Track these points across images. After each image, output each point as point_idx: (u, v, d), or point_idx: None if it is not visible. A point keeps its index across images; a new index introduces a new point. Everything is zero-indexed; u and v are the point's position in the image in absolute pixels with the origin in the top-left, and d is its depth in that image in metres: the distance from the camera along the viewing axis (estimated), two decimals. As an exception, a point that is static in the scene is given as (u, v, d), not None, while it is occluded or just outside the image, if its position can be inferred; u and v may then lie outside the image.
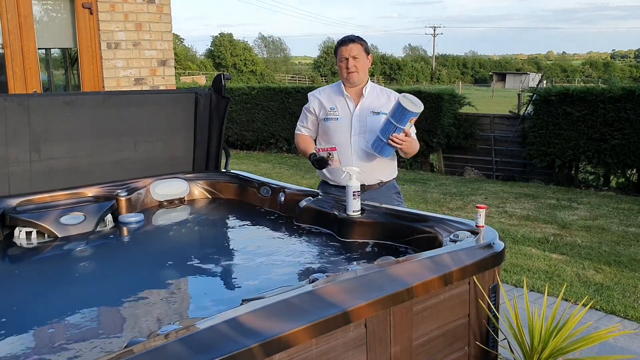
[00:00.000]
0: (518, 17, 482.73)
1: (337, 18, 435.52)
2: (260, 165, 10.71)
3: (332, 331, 1.64)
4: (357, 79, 3.01)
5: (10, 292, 2.28)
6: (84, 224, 2.91)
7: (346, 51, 2.97)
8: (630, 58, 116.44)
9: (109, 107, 3.38)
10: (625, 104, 8.12)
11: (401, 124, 2.77)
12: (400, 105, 2.74)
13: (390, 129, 2.80)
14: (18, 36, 5.07)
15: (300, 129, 3.19)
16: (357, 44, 2.98)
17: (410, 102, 2.76)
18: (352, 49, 2.96)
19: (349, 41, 2.98)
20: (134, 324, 1.93)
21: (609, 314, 3.69)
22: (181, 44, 53.73)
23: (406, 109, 2.73)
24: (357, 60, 2.97)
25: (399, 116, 2.76)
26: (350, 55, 2.96)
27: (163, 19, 5.89)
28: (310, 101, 3.15)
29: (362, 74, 3.02)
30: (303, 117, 3.19)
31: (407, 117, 2.76)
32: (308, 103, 3.16)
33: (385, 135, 2.82)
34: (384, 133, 2.83)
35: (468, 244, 2.15)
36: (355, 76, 2.99)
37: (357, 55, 2.97)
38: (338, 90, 3.09)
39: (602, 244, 5.24)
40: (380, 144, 2.86)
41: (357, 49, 2.97)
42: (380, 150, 2.88)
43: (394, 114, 2.78)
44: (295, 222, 2.96)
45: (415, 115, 2.76)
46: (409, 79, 61.33)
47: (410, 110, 2.73)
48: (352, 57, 2.96)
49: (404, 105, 2.73)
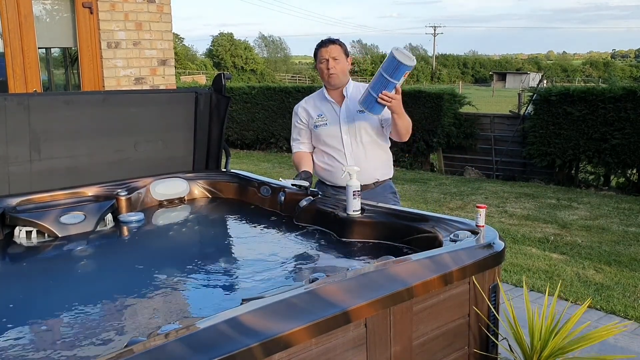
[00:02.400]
0: (518, 16, 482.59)
1: (337, 18, 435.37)
2: (260, 164, 10.71)
3: (332, 331, 1.64)
4: (338, 80, 3.00)
5: (10, 292, 2.28)
6: (84, 223, 2.90)
7: (326, 52, 2.95)
8: (630, 58, 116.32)
9: (109, 107, 3.37)
10: (626, 104, 8.11)
11: (394, 78, 2.63)
12: (395, 59, 2.59)
13: (382, 83, 2.66)
14: (18, 35, 5.07)
15: (297, 146, 3.18)
16: (336, 45, 2.96)
17: (404, 55, 2.62)
18: (331, 50, 2.95)
19: (329, 42, 2.96)
20: (134, 324, 1.92)
21: (608, 314, 3.69)
22: (181, 44, 53.72)
23: (400, 62, 2.58)
24: (337, 62, 2.95)
25: (393, 70, 2.62)
26: (330, 57, 2.94)
27: (163, 18, 5.89)
28: (297, 114, 3.15)
29: (342, 76, 3.00)
30: (295, 132, 3.19)
31: (401, 71, 2.62)
32: (295, 117, 3.16)
33: (376, 90, 2.68)
34: (375, 88, 2.68)
35: (468, 244, 2.15)
36: (335, 78, 2.98)
37: (336, 56, 2.95)
38: (322, 96, 3.10)
39: (602, 244, 5.24)
40: (370, 100, 2.72)
41: (337, 50, 2.95)
42: (370, 106, 2.74)
43: (387, 67, 2.64)
44: (295, 221, 2.96)
45: (409, 68, 2.62)
46: (409, 79, 61.18)
47: (405, 63, 2.59)
48: (332, 58, 2.94)
49: (398, 59, 2.58)
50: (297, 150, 3.18)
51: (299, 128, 3.17)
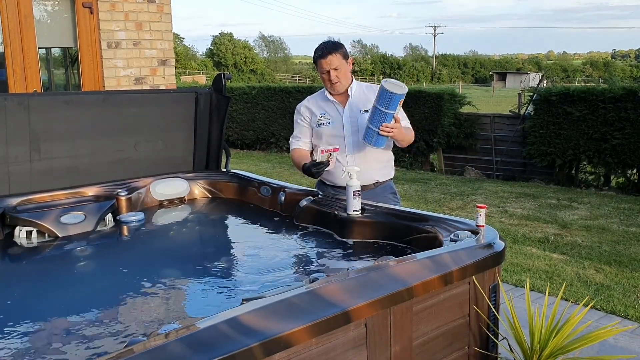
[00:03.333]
0: (518, 16, 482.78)
1: (337, 18, 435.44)
2: (260, 164, 10.71)
3: (332, 331, 1.64)
4: (341, 87, 3.00)
5: (10, 292, 2.28)
6: (84, 223, 2.91)
7: (326, 64, 2.94)
8: (630, 58, 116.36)
9: (109, 107, 3.37)
10: (626, 104, 8.11)
11: (390, 109, 2.70)
12: (387, 91, 2.67)
13: (379, 116, 2.73)
14: (18, 35, 5.07)
15: (297, 143, 3.14)
16: (334, 55, 2.92)
17: (394, 85, 2.69)
18: (331, 61, 2.92)
19: (327, 53, 2.93)
20: (134, 324, 1.92)
21: (609, 314, 3.69)
22: (181, 44, 53.74)
23: (392, 93, 2.66)
24: (338, 71, 2.94)
25: (387, 102, 2.69)
26: (331, 68, 2.93)
27: (163, 18, 5.89)
28: (300, 112, 3.13)
29: (345, 81, 2.99)
30: (296, 130, 3.16)
31: (395, 101, 2.69)
32: (298, 115, 3.14)
33: (374, 124, 2.75)
34: (374, 122, 2.76)
35: (468, 244, 2.15)
36: (339, 86, 2.98)
37: (337, 66, 2.93)
38: (324, 96, 3.09)
39: (602, 244, 5.24)
40: (371, 134, 2.79)
41: (336, 60, 2.93)
42: (372, 140, 2.81)
43: (381, 101, 2.71)
44: (296, 221, 2.96)
45: (402, 97, 2.70)
46: (409, 79, 61.28)
47: (397, 92, 2.66)
48: (333, 69, 2.94)
49: (390, 90, 2.66)
50: (296, 147, 3.15)
51: (301, 126, 3.13)
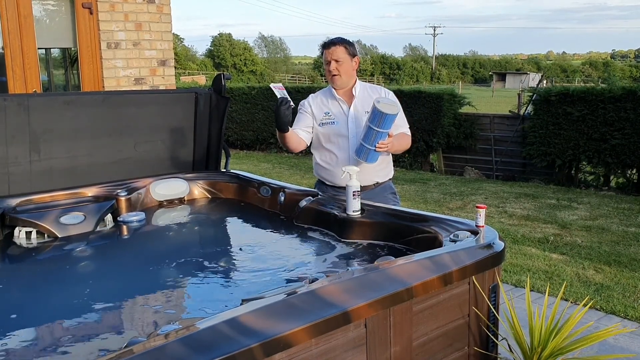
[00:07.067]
0: (518, 17, 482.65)
1: (337, 18, 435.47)
2: (260, 165, 10.71)
3: (332, 331, 1.64)
4: (340, 82, 2.99)
5: (10, 292, 2.28)
6: (83, 223, 2.90)
7: (329, 54, 2.95)
8: (630, 58, 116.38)
9: (109, 107, 3.37)
10: (625, 104, 8.12)
11: (384, 127, 2.74)
12: (380, 112, 2.70)
13: (372, 135, 2.77)
14: (18, 36, 5.07)
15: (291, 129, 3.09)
16: (339, 47, 2.94)
17: (386, 106, 2.73)
18: (334, 51, 2.94)
19: (331, 44, 2.95)
20: (134, 324, 1.93)
21: (609, 314, 3.69)
22: (181, 44, 53.79)
23: (385, 114, 2.70)
24: (340, 64, 2.95)
25: (378, 121, 2.73)
26: (332, 58, 2.94)
27: (163, 18, 5.89)
28: (303, 105, 3.10)
29: (346, 77, 2.99)
30: (296, 119, 3.09)
31: (389, 120, 2.73)
32: (302, 107, 3.10)
33: (368, 142, 2.80)
34: (367, 140, 2.80)
35: (468, 244, 2.15)
36: (337, 79, 2.98)
37: (339, 58, 2.94)
38: (329, 94, 3.08)
39: (602, 244, 5.24)
40: (364, 151, 2.84)
41: (340, 51, 2.94)
42: (366, 157, 2.85)
43: (373, 120, 2.74)
44: (295, 222, 2.96)
45: (395, 117, 2.75)
46: (408, 79, 61.31)
47: (389, 113, 2.71)
48: (335, 60, 2.94)
49: (383, 111, 2.70)
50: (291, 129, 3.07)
51: (302, 115, 3.08)
